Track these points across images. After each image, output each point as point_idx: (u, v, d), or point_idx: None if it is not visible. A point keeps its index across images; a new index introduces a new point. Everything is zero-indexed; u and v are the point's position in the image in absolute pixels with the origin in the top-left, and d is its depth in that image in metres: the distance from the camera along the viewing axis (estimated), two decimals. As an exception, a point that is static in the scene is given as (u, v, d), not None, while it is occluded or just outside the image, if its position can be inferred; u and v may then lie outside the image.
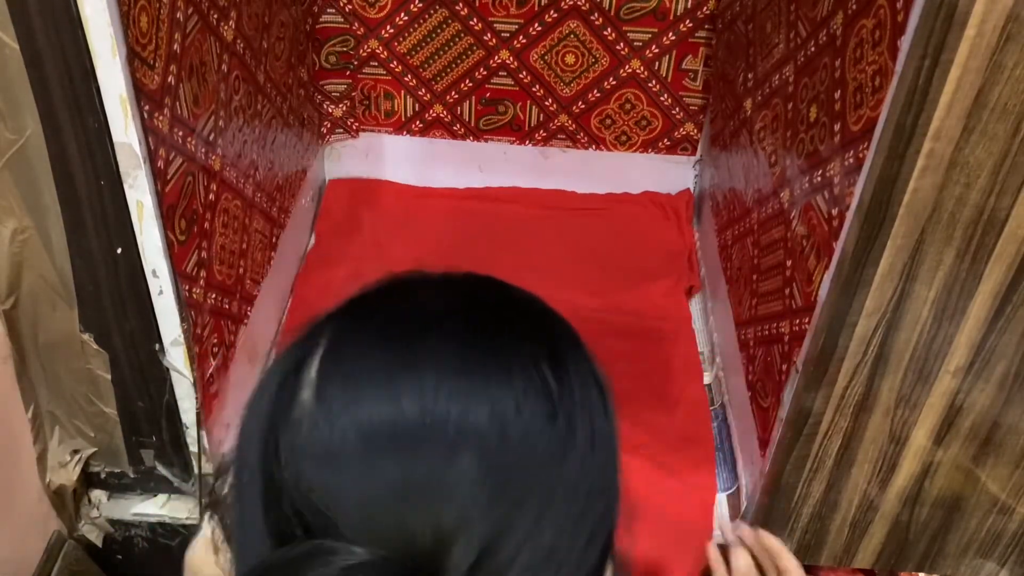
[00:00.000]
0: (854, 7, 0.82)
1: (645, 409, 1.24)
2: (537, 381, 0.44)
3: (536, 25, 1.45)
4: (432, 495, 0.41)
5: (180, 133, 0.89)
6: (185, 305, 0.91)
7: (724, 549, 0.91)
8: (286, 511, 0.43)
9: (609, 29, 1.44)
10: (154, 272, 0.86)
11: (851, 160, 0.79)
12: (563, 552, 0.44)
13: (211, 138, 0.98)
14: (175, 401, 0.96)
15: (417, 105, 1.55)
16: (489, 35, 1.46)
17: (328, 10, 1.45)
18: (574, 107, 1.53)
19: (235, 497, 0.47)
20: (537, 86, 1.52)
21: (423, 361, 0.43)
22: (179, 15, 0.87)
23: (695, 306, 1.44)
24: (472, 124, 1.57)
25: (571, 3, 1.41)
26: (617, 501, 0.47)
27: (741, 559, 0.89)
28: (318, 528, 0.42)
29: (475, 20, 1.45)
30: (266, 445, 0.44)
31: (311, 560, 0.41)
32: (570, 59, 1.48)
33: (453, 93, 1.54)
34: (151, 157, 0.81)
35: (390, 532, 0.41)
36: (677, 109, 1.52)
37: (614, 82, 1.50)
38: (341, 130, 1.57)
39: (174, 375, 0.94)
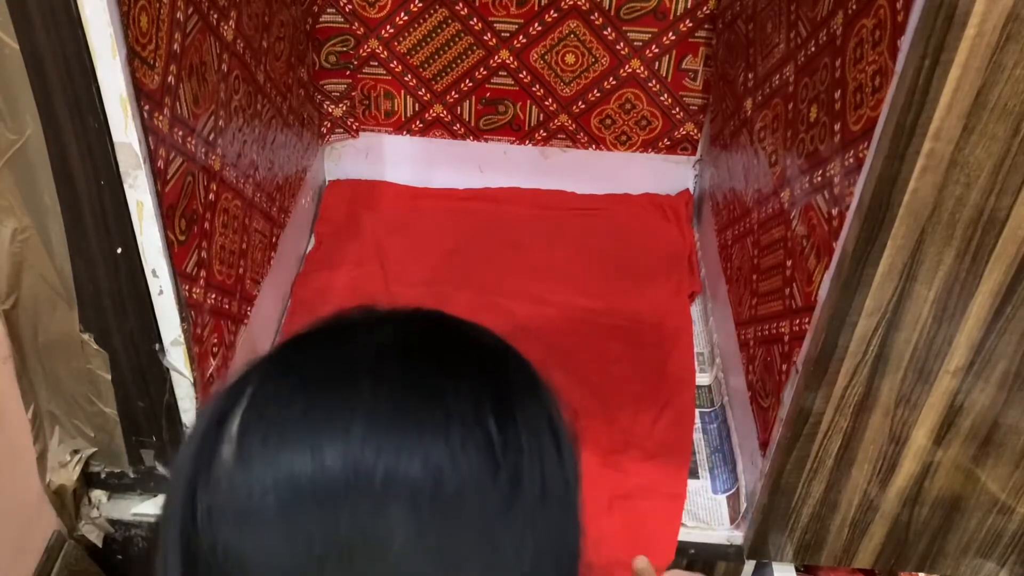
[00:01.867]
0: (854, 7, 0.82)
1: (629, 414, 1.23)
2: (477, 431, 0.40)
3: (536, 25, 1.45)
4: (358, 554, 0.38)
5: (180, 133, 0.89)
6: (185, 305, 0.91)
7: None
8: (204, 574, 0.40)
9: (609, 29, 1.44)
10: (154, 272, 0.86)
11: (851, 160, 0.79)
12: None
13: (211, 138, 0.98)
14: (175, 401, 0.96)
15: (417, 105, 1.56)
16: (489, 35, 1.46)
17: (328, 10, 1.45)
18: (574, 107, 1.54)
19: (160, 562, 0.43)
20: (537, 86, 1.52)
21: (351, 409, 0.40)
22: (179, 15, 0.87)
23: (695, 306, 1.44)
24: (472, 124, 1.57)
25: (571, 3, 1.41)
26: (577, 552, 0.44)
27: None
28: None
29: (475, 20, 1.45)
30: (185, 507, 0.41)
31: None
32: (570, 59, 1.48)
33: (453, 93, 1.54)
34: (151, 157, 0.81)
35: None
36: (677, 109, 1.52)
37: (614, 82, 1.50)
38: (341, 130, 1.57)
39: (174, 375, 0.94)
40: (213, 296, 1.02)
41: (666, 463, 1.16)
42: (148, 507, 1.07)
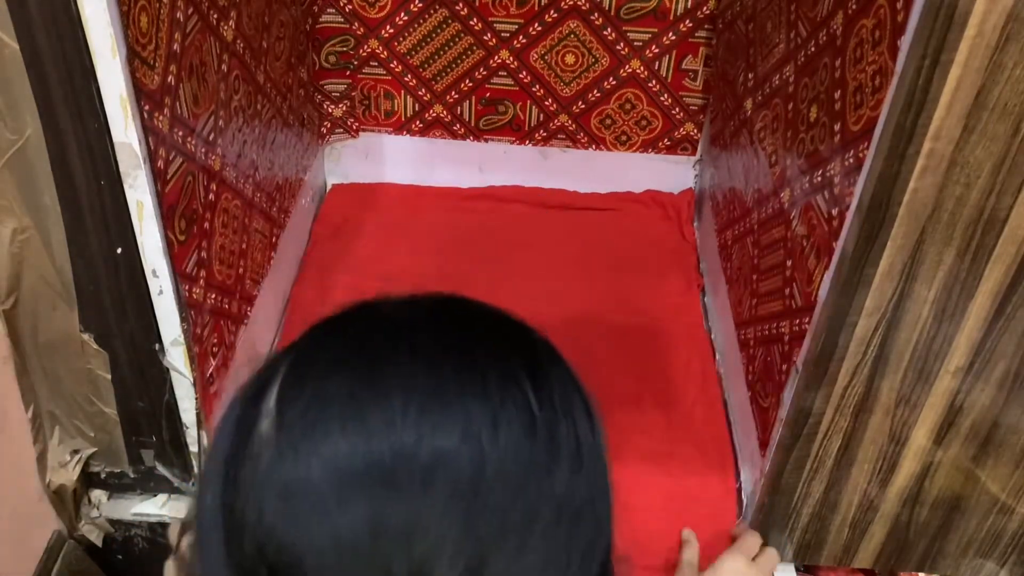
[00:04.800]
0: (854, 7, 0.82)
1: (660, 415, 1.22)
2: (515, 394, 0.41)
3: (536, 25, 1.45)
4: (406, 531, 0.39)
5: (180, 133, 0.89)
6: (185, 305, 0.91)
7: None
8: (248, 550, 0.40)
9: (609, 29, 1.44)
10: (154, 272, 0.86)
11: (851, 160, 0.79)
12: (555, 573, 0.42)
13: (211, 138, 0.98)
14: (175, 401, 0.96)
15: (417, 105, 1.56)
16: (489, 35, 1.46)
17: (328, 10, 1.45)
18: (574, 107, 1.53)
19: (197, 541, 0.44)
20: (537, 86, 1.52)
21: (389, 383, 0.40)
22: (179, 15, 0.87)
23: (695, 306, 1.44)
24: (472, 124, 1.57)
25: (571, 3, 1.41)
26: (610, 514, 0.45)
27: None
28: (282, 568, 0.39)
29: (475, 20, 1.45)
30: (225, 481, 0.41)
31: None
32: (570, 59, 1.48)
33: (453, 93, 1.54)
34: (151, 157, 0.81)
35: (362, 572, 0.39)
36: (677, 109, 1.52)
37: (614, 82, 1.50)
38: (341, 130, 1.57)
39: (174, 375, 0.94)
40: (213, 296, 1.02)
41: (710, 460, 1.15)
42: (148, 507, 1.07)
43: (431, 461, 0.39)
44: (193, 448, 1.00)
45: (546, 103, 1.54)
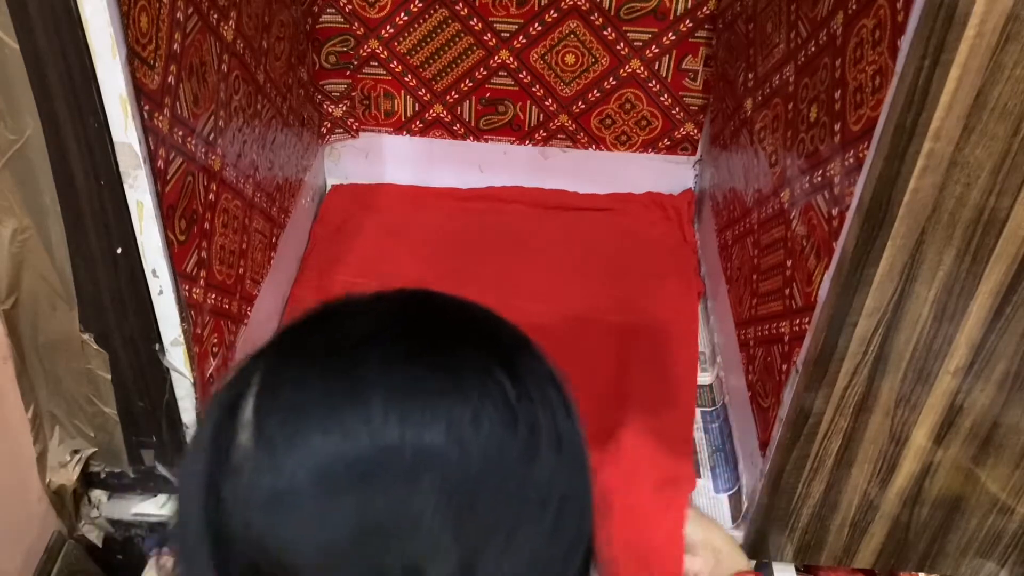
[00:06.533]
0: (854, 7, 0.82)
1: (632, 412, 1.23)
2: (492, 387, 0.41)
3: (536, 25, 1.45)
4: (396, 528, 0.39)
5: (180, 133, 0.89)
6: (185, 305, 0.91)
7: None
8: (239, 564, 0.40)
9: (609, 29, 1.44)
10: (154, 272, 0.86)
11: (851, 160, 0.79)
12: (544, 563, 0.42)
13: (211, 138, 0.98)
14: (175, 401, 0.96)
15: (417, 105, 1.56)
16: (489, 35, 1.46)
17: (328, 10, 1.45)
18: (574, 107, 1.54)
19: (182, 556, 0.43)
20: (537, 86, 1.52)
21: (366, 384, 0.40)
22: (179, 15, 0.87)
23: (695, 306, 1.44)
24: (472, 124, 1.57)
25: (571, 3, 1.41)
26: (591, 502, 0.45)
27: None
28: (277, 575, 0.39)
29: (475, 20, 1.45)
30: (208, 499, 0.41)
31: None
32: (570, 59, 1.48)
33: (453, 93, 1.54)
34: (151, 157, 0.81)
35: (356, 572, 0.39)
36: (677, 109, 1.52)
37: (614, 82, 1.50)
38: (341, 130, 1.57)
39: (174, 375, 0.94)
40: (213, 296, 1.02)
41: (667, 455, 1.15)
42: (148, 507, 1.07)
43: (415, 459, 0.39)
44: (193, 448, 1.00)
45: (546, 103, 1.54)
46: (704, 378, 1.32)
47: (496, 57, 1.49)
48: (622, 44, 1.45)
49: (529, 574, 0.41)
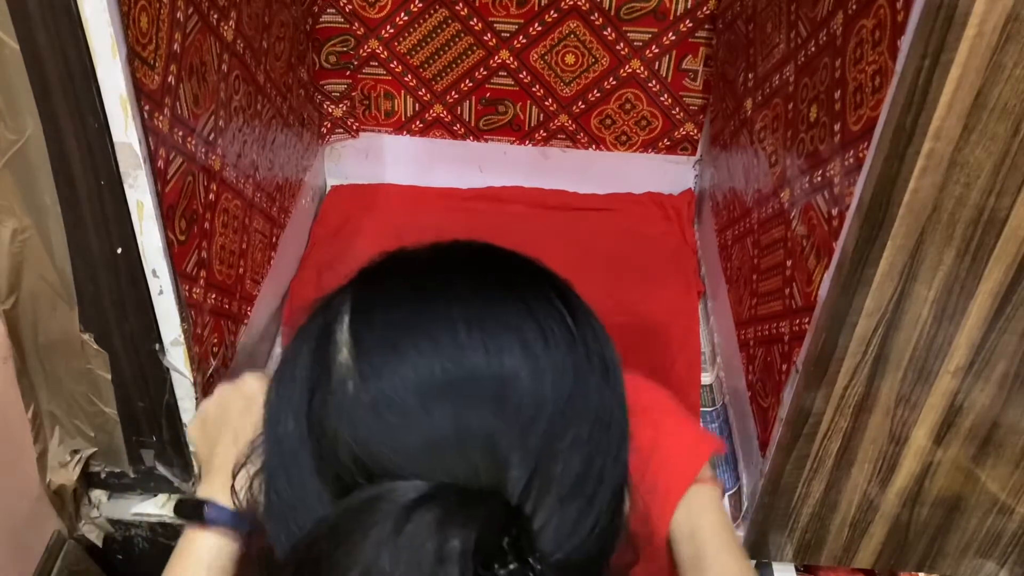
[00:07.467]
0: (854, 7, 0.82)
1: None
2: (554, 312, 0.47)
3: (536, 25, 1.45)
4: (487, 436, 0.44)
5: (180, 133, 0.89)
6: (185, 305, 0.91)
7: None
8: (345, 462, 0.45)
9: (609, 29, 1.44)
10: (154, 272, 0.86)
11: (851, 160, 0.79)
12: (599, 464, 0.47)
13: (211, 138, 0.98)
14: (175, 401, 0.96)
15: (417, 105, 1.56)
16: (489, 35, 1.46)
17: (328, 10, 1.45)
18: (574, 107, 1.54)
19: (275, 470, 0.48)
20: (537, 86, 1.52)
21: (449, 309, 0.46)
22: (179, 15, 0.87)
23: (695, 306, 1.44)
24: (472, 124, 1.57)
25: (571, 3, 1.41)
26: (627, 426, 0.50)
27: None
28: (380, 472, 0.44)
29: (475, 20, 1.45)
30: (310, 408, 0.46)
31: (376, 502, 0.43)
32: (570, 59, 1.48)
33: (453, 93, 1.54)
34: (151, 157, 0.81)
35: (454, 466, 0.44)
36: (677, 109, 1.52)
37: (614, 82, 1.50)
38: (341, 130, 1.57)
39: (174, 375, 0.94)
40: (213, 296, 1.02)
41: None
42: (148, 507, 1.07)
43: (500, 376, 0.44)
44: (193, 448, 1.00)
45: (546, 103, 1.54)
46: (704, 378, 1.32)
47: (496, 57, 1.49)
48: (622, 44, 1.45)
49: (587, 471, 0.46)
